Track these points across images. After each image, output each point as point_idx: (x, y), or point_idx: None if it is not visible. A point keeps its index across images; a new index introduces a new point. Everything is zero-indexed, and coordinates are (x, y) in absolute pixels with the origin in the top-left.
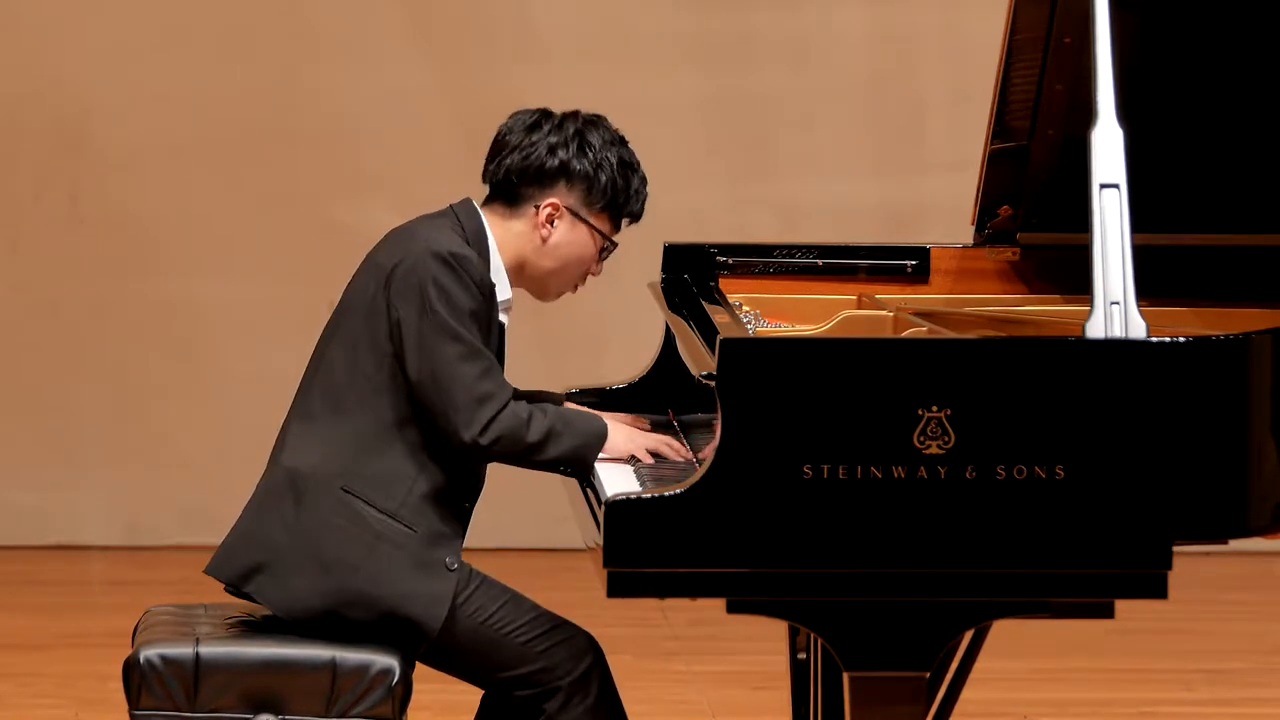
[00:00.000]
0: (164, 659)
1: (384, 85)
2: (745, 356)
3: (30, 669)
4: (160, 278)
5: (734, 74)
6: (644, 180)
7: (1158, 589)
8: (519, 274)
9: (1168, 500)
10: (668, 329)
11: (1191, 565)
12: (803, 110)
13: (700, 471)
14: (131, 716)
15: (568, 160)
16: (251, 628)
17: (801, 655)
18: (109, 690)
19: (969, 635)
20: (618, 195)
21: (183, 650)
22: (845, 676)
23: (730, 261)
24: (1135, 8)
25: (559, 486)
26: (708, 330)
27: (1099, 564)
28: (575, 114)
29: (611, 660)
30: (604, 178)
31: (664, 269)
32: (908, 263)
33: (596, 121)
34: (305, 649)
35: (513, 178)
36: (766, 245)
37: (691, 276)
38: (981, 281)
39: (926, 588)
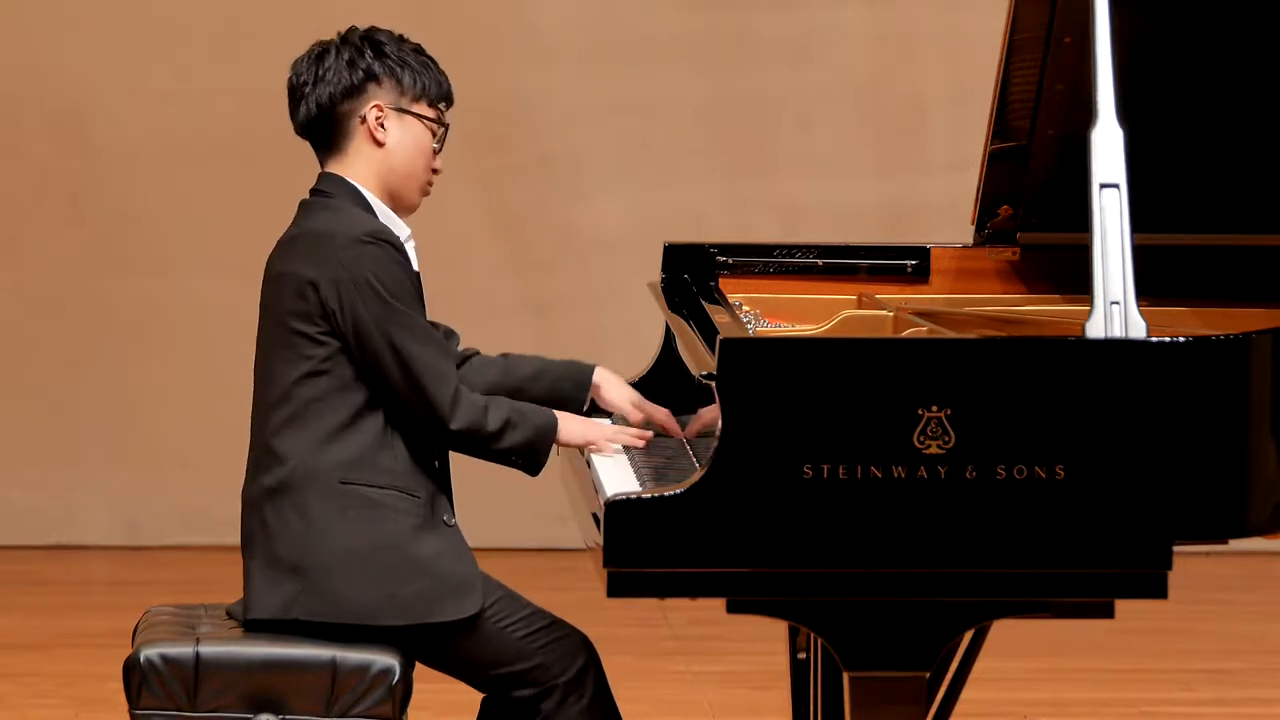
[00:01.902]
0: (164, 659)
1: None
2: (745, 356)
3: (30, 669)
4: (160, 278)
5: (734, 74)
6: (437, 63)
7: (1158, 589)
8: (396, 200)
9: (1168, 500)
10: (668, 329)
11: (1191, 565)
12: (803, 110)
13: (700, 471)
14: (131, 716)
15: (370, 65)
16: (252, 628)
17: (801, 655)
18: (109, 690)
19: (969, 635)
20: (426, 81)
21: (183, 650)
22: (845, 676)
23: (730, 261)
24: (1135, 8)
25: (558, 486)
26: (708, 330)
27: (1099, 564)
28: (348, 32)
29: (611, 660)
30: (407, 69)
31: (664, 269)
32: (908, 263)
33: (373, 29)
34: (305, 649)
35: (327, 103)
36: (766, 245)
37: (691, 276)
38: (981, 281)
39: (927, 588)
